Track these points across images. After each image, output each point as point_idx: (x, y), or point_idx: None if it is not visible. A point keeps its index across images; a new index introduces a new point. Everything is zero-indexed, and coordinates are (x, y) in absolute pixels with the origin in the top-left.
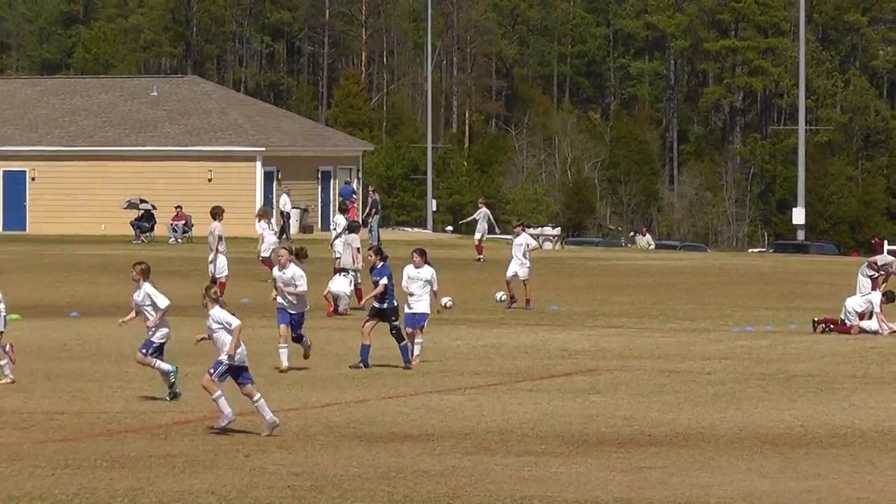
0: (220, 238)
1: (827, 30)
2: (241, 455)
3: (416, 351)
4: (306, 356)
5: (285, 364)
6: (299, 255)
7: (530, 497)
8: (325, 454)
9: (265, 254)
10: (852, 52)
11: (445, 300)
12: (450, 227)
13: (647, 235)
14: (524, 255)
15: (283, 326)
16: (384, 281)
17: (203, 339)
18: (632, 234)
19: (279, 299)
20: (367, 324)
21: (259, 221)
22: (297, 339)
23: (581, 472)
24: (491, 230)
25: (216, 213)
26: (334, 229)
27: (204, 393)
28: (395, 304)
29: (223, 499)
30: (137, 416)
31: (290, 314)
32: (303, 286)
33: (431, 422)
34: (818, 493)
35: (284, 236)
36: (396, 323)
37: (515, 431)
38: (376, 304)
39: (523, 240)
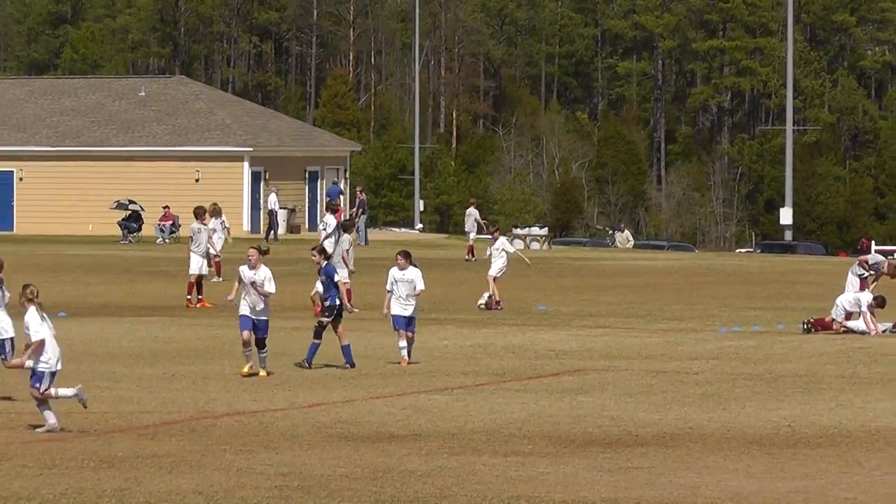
0: (190, 238)
1: (815, 30)
2: (228, 455)
3: (405, 352)
4: (263, 368)
5: (248, 366)
6: (264, 254)
7: (517, 497)
8: (313, 454)
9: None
10: (840, 52)
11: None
12: (419, 226)
13: (626, 231)
14: (506, 255)
15: (246, 332)
16: (338, 278)
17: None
18: (610, 231)
19: (242, 305)
20: (330, 325)
21: (212, 219)
22: (261, 343)
23: (568, 472)
24: (480, 230)
25: (195, 213)
26: (323, 230)
27: (190, 393)
28: (337, 303)
29: (210, 499)
30: (124, 416)
31: (253, 319)
32: (270, 288)
33: (419, 422)
34: (805, 494)
35: (273, 235)
36: (325, 321)
37: (503, 431)
38: (325, 303)
39: (500, 244)
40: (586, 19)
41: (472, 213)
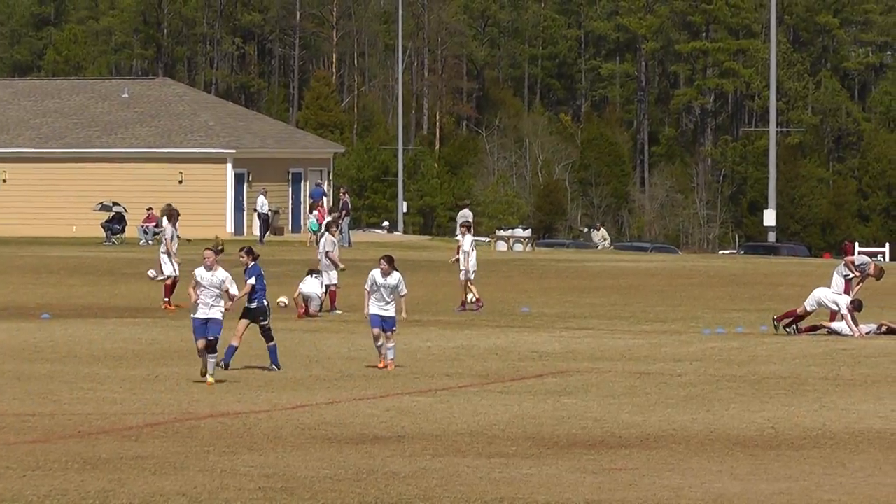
0: (168, 240)
1: (798, 31)
2: (212, 456)
3: (391, 355)
4: (203, 373)
5: (210, 378)
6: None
7: (501, 499)
8: (296, 456)
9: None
10: (823, 53)
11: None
12: (386, 223)
13: (602, 230)
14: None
15: (201, 341)
16: (251, 281)
17: None
18: (586, 229)
19: (197, 310)
20: (240, 324)
21: (166, 221)
22: (211, 346)
23: (552, 473)
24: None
25: (171, 216)
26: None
27: (174, 395)
28: (265, 303)
29: (194, 500)
30: (108, 417)
31: (206, 327)
32: (234, 290)
33: (402, 423)
34: (789, 495)
35: (261, 235)
36: (265, 323)
37: (486, 433)
38: (246, 304)
39: (467, 242)
40: (569, 21)
41: (466, 215)
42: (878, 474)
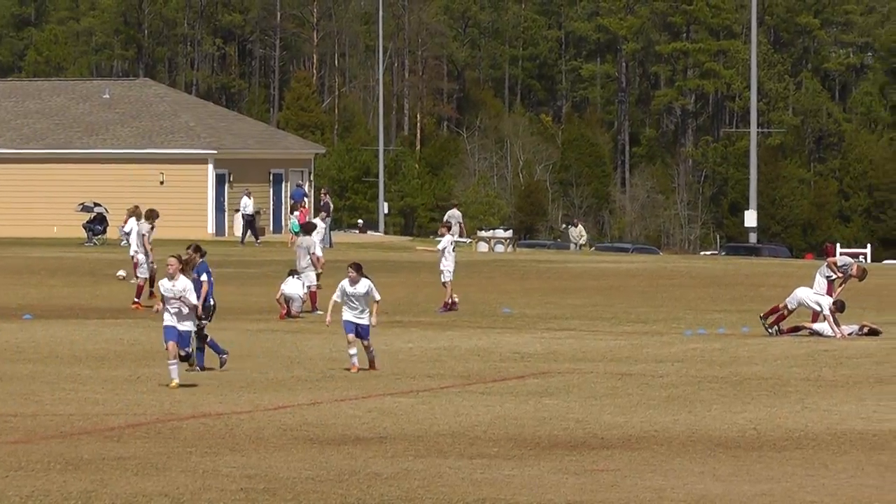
0: (144, 237)
1: (779, 32)
2: (194, 457)
3: (355, 359)
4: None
5: (176, 380)
6: (187, 265)
7: (483, 500)
8: (278, 457)
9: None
10: (804, 54)
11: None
12: (360, 221)
13: (580, 226)
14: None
15: (171, 343)
16: (204, 278)
17: None
18: (563, 226)
19: (166, 315)
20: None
21: (139, 221)
22: (186, 357)
23: (533, 474)
24: (461, 233)
25: (149, 216)
26: (317, 232)
27: (156, 395)
28: (211, 302)
29: (176, 501)
30: (90, 418)
31: (179, 331)
32: (192, 299)
33: (384, 424)
34: (771, 497)
35: (253, 237)
36: (203, 322)
37: (468, 434)
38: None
39: (446, 242)
40: (550, 21)
41: (453, 215)
42: (860, 475)
